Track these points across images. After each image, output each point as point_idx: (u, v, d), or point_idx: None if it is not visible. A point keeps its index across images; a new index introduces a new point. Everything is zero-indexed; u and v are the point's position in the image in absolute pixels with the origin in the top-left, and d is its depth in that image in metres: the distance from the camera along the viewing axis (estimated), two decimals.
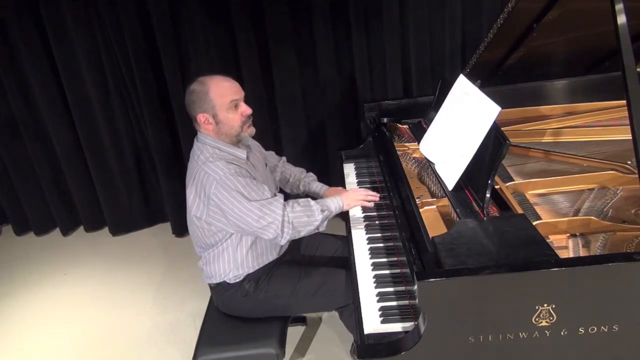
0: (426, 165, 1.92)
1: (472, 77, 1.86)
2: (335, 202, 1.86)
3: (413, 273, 1.28)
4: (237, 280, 1.90)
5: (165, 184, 3.24)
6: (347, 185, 2.25)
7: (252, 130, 1.88)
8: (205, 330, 1.94)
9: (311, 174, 2.23)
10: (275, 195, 1.84)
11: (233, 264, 1.88)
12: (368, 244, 1.85)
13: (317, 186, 2.16)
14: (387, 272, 1.70)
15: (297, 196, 2.12)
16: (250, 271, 1.91)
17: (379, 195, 1.93)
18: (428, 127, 1.96)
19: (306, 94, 3.04)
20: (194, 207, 1.81)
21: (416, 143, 2.03)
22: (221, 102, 1.77)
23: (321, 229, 1.84)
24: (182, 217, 1.91)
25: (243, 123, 1.83)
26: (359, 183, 2.26)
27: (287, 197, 2.16)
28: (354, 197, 1.90)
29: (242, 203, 1.72)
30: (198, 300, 2.69)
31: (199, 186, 1.76)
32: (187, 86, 1.83)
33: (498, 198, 1.58)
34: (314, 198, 1.98)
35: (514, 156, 1.98)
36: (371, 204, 1.93)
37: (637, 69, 1.40)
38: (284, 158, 2.27)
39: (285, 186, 2.22)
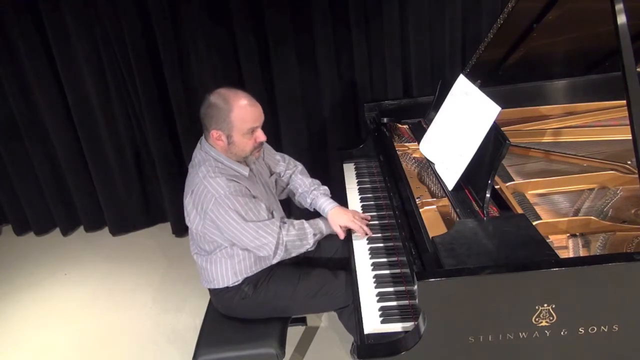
0: (426, 165, 1.92)
1: (472, 77, 1.86)
2: (328, 224, 1.91)
3: (413, 273, 1.28)
4: (236, 284, 1.90)
5: (165, 184, 3.24)
6: (347, 185, 2.25)
7: (259, 154, 1.86)
8: (205, 330, 1.94)
9: (324, 188, 2.11)
10: (272, 214, 1.83)
11: (231, 271, 1.88)
12: (368, 244, 1.85)
13: (323, 203, 2.00)
14: (387, 272, 1.70)
15: (303, 212, 2.11)
16: (249, 275, 1.91)
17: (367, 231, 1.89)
18: (428, 127, 1.96)
19: (306, 94, 3.04)
20: (191, 216, 1.82)
21: (416, 143, 2.03)
22: (241, 126, 1.73)
23: (310, 249, 1.88)
24: (182, 217, 1.92)
25: (254, 148, 1.80)
26: (359, 183, 2.26)
27: (291, 207, 2.16)
28: (345, 221, 1.87)
29: (239, 223, 1.73)
30: (198, 300, 2.69)
31: (197, 199, 1.76)
32: (206, 95, 1.75)
33: (498, 198, 1.58)
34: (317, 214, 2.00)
35: (514, 156, 1.98)
36: (361, 231, 1.89)
37: (637, 69, 1.40)
38: (299, 167, 2.18)
39: (293, 198, 2.18)
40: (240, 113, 1.71)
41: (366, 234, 1.88)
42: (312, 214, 2.05)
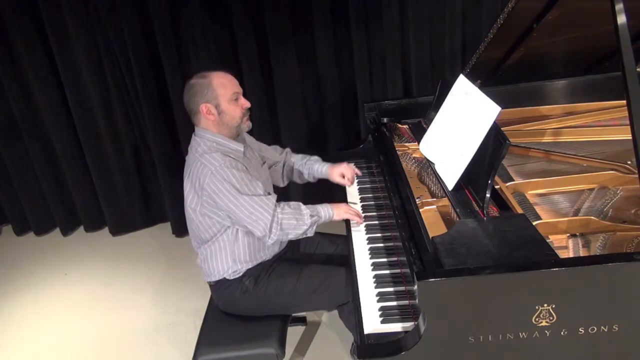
0: (426, 165, 1.92)
1: (472, 77, 1.86)
2: (325, 210, 1.90)
3: (413, 273, 1.28)
4: (237, 276, 1.91)
5: (165, 184, 3.25)
6: (347, 185, 2.25)
7: (249, 123, 1.93)
8: (205, 330, 1.94)
9: (315, 157, 2.24)
10: (269, 194, 1.85)
11: (231, 259, 1.89)
12: (368, 244, 1.85)
13: (320, 165, 2.18)
14: (387, 272, 1.70)
15: (300, 195, 2.14)
16: (250, 267, 1.92)
17: (363, 219, 1.96)
18: (428, 127, 1.96)
19: (306, 94, 3.04)
20: (189, 198, 1.85)
21: (416, 143, 2.03)
22: (224, 92, 1.82)
23: (309, 234, 1.87)
24: (182, 217, 1.93)
25: (243, 115, 1.88)
26: (359, 183, 2.26)
27: (290, 195, 2.17)
28: (346, 209, 1.93)
29: (234, 195, 1.75)
30: (198, 300, 2.69)
31: (194, 177, 1.80)
32: (186, 82, 1.86)
33: (498, 198, 1.58)
34: (318, 193, 2.00)
35: (514, 156, 1.98)
36: (358, 224, 1.94)
37: (637, 69, 1.40)
38: (287, 149, 2.27)
39: (292, 175, 2.25)
40: (219, 80, 1.83)
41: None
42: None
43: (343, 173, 2.13)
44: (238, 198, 1.75)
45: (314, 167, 2.19)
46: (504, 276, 1.22)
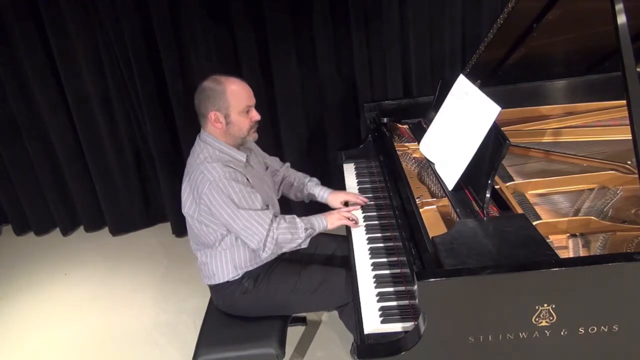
0: (426, 165, 1.92)
1: (472, 77, 1.86)
2: (319, 221, 1.90)
3: (413, 273, 1.28)
4: (237, 278, 1.91)
5: (165, 183, 3.25)
6: (346, 186, 2.25)
7: (256, 135, 1.91)
8: (205, 330, 1.94)
9: (314, 179, 2.23)
10: (267, 207, 1.85)
11: (232, 266, 1.89)
12: (368, 244, 1.85)
13: (321, 190, 2.15)
14: (387, 272, 1.70)
15: (301, 203, 2.15)
16: (249, 269, 1.92)
17: (359, 222, 1.97)
18: (428, 127, 1.96)
19: (306, 94, 3.04)
20: (187, 204, 1.85)
21: (416, 143, 2.03)
22: (236, 104, 1.79)
23: (303, 246, 1.87)
24: (182, 217, 1.93)
25: (250, 128, 1.85)
26: (359, 183, 2.26)
27: (290, 203, 2.18)
28: (338, 217, 1.93)
29: (231, 208, 1.74)
30: (198, 300, 2.69)
31: (193, 184, 1.79)
32: (199, 83, 1.83)
33: (498, 198, 1.58)
34: (317, 203, 2.05)
35: (514, 156, 1.98)
36: (356, 225, 1.95)
37: (637, 69, 1.40)
38: (287, 164, 2.27)
39: (289, 191, 2.22)
40: (234, 91, 1.79)
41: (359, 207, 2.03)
42: (309, 212, 2.05)
43: (345, 201, 2.10)
44: (235, 212, 1.75)
45: (314, 190, 2.16)
46: (504, 276, 1.22)
